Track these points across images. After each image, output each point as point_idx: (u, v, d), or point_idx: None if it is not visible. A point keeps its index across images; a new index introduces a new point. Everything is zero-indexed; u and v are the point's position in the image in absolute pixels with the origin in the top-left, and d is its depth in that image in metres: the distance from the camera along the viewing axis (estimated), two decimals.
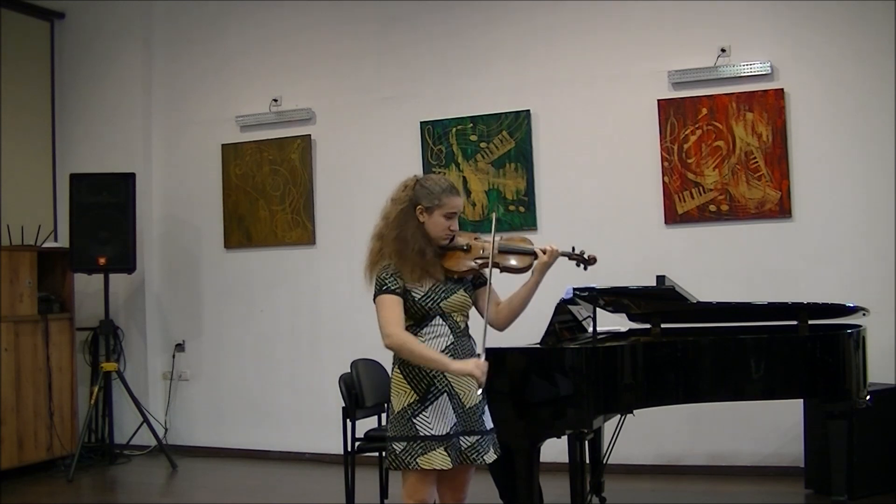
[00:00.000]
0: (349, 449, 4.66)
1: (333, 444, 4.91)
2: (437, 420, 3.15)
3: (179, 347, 7.17)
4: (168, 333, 7.24)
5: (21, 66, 7.17)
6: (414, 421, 3.15)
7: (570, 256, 3.44)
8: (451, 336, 3.22)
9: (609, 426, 4.69)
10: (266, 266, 6.94)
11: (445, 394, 3.18)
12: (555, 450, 4.08)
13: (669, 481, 5.60)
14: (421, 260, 3.19)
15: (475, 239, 3.33)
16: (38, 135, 7.35)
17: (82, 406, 6.86)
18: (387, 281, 3.18)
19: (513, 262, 3.32)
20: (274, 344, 6.90)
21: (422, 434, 3.14)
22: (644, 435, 5.33)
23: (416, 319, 3.21)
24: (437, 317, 3.21)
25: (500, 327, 3.38)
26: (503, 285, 3.40)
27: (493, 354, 3.85)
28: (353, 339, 6.32)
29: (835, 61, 5.53)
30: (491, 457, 3.25)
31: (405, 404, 3.18)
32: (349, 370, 4.73)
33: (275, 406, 6.84)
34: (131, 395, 6.70)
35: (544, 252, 3.29)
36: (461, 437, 3.19)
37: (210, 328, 7.12)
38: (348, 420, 4.65)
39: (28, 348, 6.41)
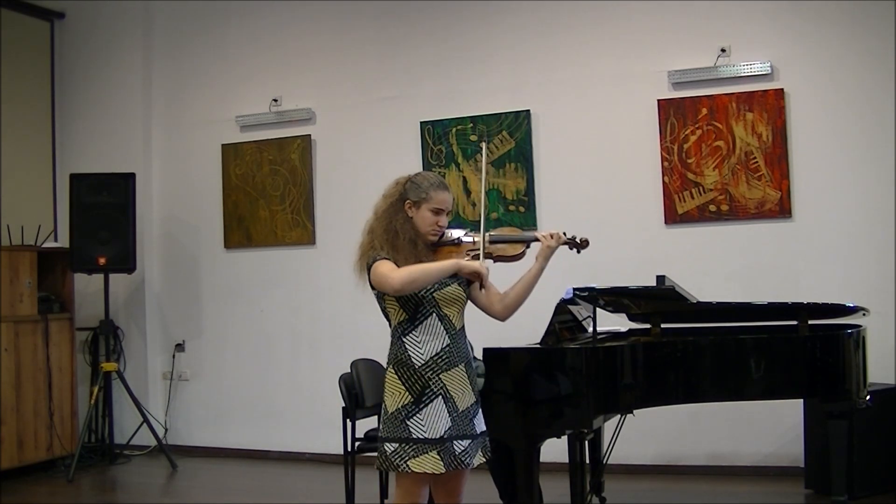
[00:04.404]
0: (349, 449, 4.66)
1: (333, 444, 4.91)
2: (431, 423, 3.13)
3: (179, 347, 7.17)
4: (168, 333, 7.24)
5: (21, 66, 7.17)
6: (408, 423, 3.13)
7: (565, 242, 3.44)
8: (446, 337, 3.20)
9: (609, 426, 4.68)
10: (266, 266, 6.94)
11: (440, 396, 3.16)
12: (555, 450, 4.07)
13: (669, 481, 5.60)
14: (413, 249, 3.21)
15: (466, 234, 3.36)
16: (38, 135, 7.35)
17: (82, 406, 6.86)
18: (379, 255, 3.18)
19: (504, 251, 3.35)
20: (274, 344, 6.90)
21: (415, 437, 3.12)
22: (644, 435, 5.33)
23: (410, 312, 3.19)
24: (433, 315, 3.19)
25: (503, 317, 3.36)
26: (503, 278, 3.39)
27: (492, 354, 3.88)
28: (353, 339, 6.33)
29: (835, 61, 5.53)
30: (478, 460, 3.24)
31: (399, 405, 3.17)
32: (349, 370, 4.73)
33: (275, 406, 6.84)
34: (131, 395, 6.70)
35: (547, 237, 3.33)
36: (455, 442, 3.16)
37: (210, 328, 7.12)
38: (348, 420, 4.65)
39: (28, 348, 6.41)
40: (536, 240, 3.37)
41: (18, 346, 6.34)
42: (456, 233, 3.36)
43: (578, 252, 3.52)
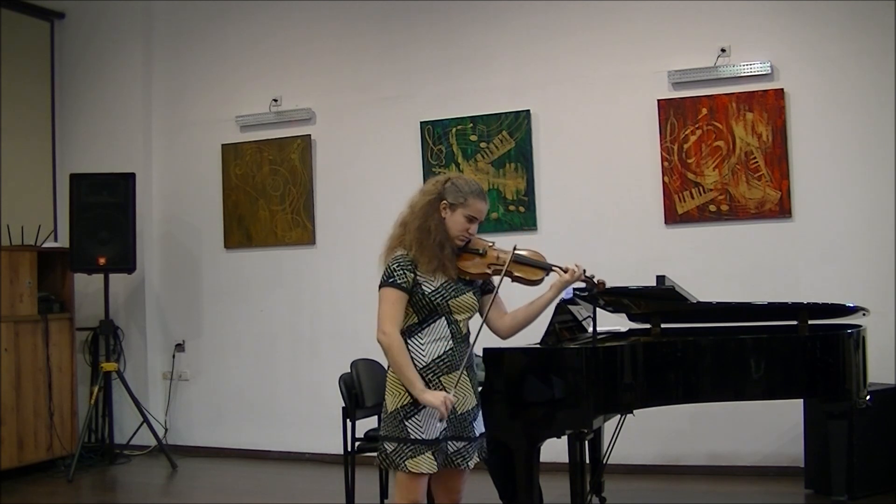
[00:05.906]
0: (349, 449, 4.66)
1: (333, 444, 4.91)
2: (429, 424, 3.15)
3: (179, 347, 7.17)
4: (168, 333, 7.24)
5: (21, 66, 7.17)
6: (406, 423, 3.16)
7: (583, 279, 3.43)
8: (450, 341, 3.21)
9: (609, 426, 4.68)
10: (266, 266, 6.94)
11: None
12: (555, 450, 4.07)
13: (669, 481, 5.60)
14: (440, 252, 3.19)
15: (491, 246, 3.36)
16: (38, 135, 7.35)
17: (82, 406, 6.86)
18: (395, 273, 3.17)
19: (525, 273, 3.34)
20: (274, 344, 6.90)
21: (412, 437, 3.14)
22: (644, 435, 5.32)
23: (422, 316, 3.20)
24: (443, 318, 3.21)
25: (504, 335, 3.39)
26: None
27: (493, 355, 3.88)
28: (353, 339, 6.31)
29: (835, 61, 5.53)
30: (473, 462, 3.26)
31: (398, 405, 3.19)
32: (349, 370, 4.73)
33: (275, 406, 6.84)
34: (131, 395, 6.70)
35: (565, 271, 3.32)
36: (449, 442, 3.20)
37: (210, 328, 7.12)
38: (348, 420, 4.65)
39: (28, 348, 6.41)
40: (561, 269, 3.33)
41: (18, 346, 6.33)
42: (481, 243, 3.33)
43: (592, 292, 3.53)
